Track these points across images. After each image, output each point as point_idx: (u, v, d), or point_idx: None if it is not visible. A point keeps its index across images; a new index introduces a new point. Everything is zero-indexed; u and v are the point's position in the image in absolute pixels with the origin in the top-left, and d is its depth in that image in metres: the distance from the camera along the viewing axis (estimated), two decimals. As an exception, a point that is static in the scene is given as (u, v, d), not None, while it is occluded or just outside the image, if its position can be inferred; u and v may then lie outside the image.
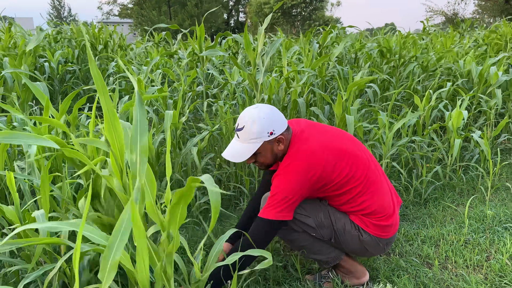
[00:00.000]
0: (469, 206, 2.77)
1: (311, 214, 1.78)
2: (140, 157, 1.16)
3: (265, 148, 1.72)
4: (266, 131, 1.69)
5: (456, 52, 4.94)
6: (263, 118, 1.69)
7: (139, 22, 32.95)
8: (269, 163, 1.81)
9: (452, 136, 3.02)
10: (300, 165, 1.67)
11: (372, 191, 1.78)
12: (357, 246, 1.81)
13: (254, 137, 1.69)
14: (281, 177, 1.68)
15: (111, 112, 1.19)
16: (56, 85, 4.39)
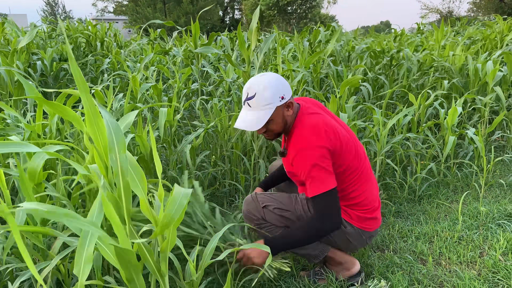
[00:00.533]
0: (463, 203, 2.78)
1: (290, 208, 1.84)
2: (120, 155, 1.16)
3: (277, 113, 1.73)
4: (278, 95, 1.70)
5: (446, 45, 4.96)
6: (274, 83, 1.70)
7: (134, 19, 32.79)
8: (279, 131, 1.80)
9: (447, 133, 3.03)
10: (313, 131, 1.70)
11: (363, 183, 1.82)
12: (341, 239, 1.84)
13: (267, 102, 1.69)
14: (302, 152, 1.68)
15: (93, 109, 1.18)
16: (50, 83, 4.36)
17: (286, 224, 1.84)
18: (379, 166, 2.84)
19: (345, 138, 1.77)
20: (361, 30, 10.00)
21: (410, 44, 5.16)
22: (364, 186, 1.83)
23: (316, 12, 40.48)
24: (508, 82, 4.05)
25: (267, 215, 1.83)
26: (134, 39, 7.35)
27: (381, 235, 2.38)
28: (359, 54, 4.71)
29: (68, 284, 1.57)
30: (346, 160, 1.76)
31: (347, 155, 1.76)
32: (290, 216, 1.83)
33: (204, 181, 2.81)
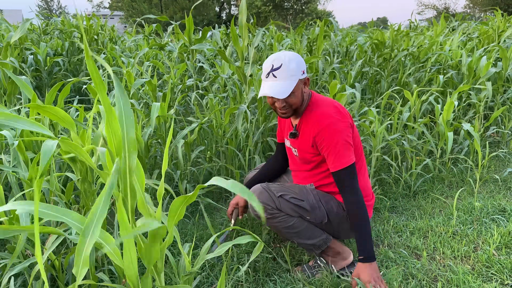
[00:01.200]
0: (458, 198, 2.79)
1: (303, 197, 1.86)
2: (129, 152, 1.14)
3: (298, 87, 1.80)
4: (300, 69, 1.79)
5: (443, 42, 4.96)
6: (296, 57, 1.79)
7: (130, 15, 32.61)
8: (298, 105, 1.85)
9: (442, 128, 3.04)
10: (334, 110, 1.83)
11: (364, 171, 1.97)
12: (344, 227, 1.92)
13: (292, 73, 1.76)
14: (327, 128, 1.77)
15: (109, 110, 1.16)
16: (45, 78, 4.33)
17: (300, 214, 1.85)
18: (375, 162, 2.84)
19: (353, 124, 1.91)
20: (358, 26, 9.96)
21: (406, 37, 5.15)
22: (363, 174, 1.96)
23: (313, 8, 40.39)
24: (503, 77, 4.06)
25: (282, 205, 1.83)
26: (128, 33, 7.30)
27: (376, 230, 2.39)
28: (360, 45, 4.70)
29: (62, 280, 1.57)
30: (357, 143, 1.90)
31: (358, 139, 1.92)
32: (304, 206, 1.85)
33: (199, 177, 2.81)
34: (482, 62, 3.80)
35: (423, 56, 4.61)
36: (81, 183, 1.65)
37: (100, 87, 1.11)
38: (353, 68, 4.13)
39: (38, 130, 1.04)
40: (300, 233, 1.86)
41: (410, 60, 4.65)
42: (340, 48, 5.16)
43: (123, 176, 1.17)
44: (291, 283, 1.88)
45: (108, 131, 1.16)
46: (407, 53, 4.41)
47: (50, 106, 1.18)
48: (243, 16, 2.68)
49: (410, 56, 4.63)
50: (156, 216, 1.29)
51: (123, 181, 1.19)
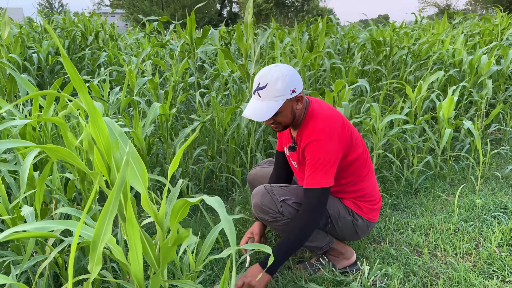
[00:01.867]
0: (459, 196, 2.79)
1: None
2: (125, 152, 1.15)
3: (286, 106, 1.73)
4: (289, 88, 1.69)
5: (445, 40, 4.95)
6: (286, 75, 1.70)
7: (131, 13, 32.59)
8: (288, 123, 1.80)
9: (443, 125, 3.04)
10: (329, 124, 1.73)
11: (371, 175, 1.94)
12: (349, 231, 1.91)
13: (278, 94, 1.69)
14: (315, 142, 1.70)
15: (93, 109, 1.17)
16: (46, 76, 4.34)
17: None
18: (376, 159, 2.85)
19: (356, 131, 1.88)
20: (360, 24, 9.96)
21: (406, 35, 5.15)
22: (370, 178, 1.94)
23: (314, 5, 40.31)
24: (505, 75, 4.05)
25: (284, 209, 1.80)
26: (131, 33, 7.31)
27: (378, 228, 2.39)
28: (359, 43, 4.69)
29: (65, 277, 1.58)
30: (357, 151, 1.83)
31: (358, 148, 1.84)
32: None
33: (201, 175, 2.82)
34: (483, 60, 3.79)
35: (424, 54, 4.61)
36: (80, 182, 1.65)
37: (81, 87, 1.11)
38: (353, 65, 4.13)
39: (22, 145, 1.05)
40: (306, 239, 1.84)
41: (411, 58, 4.64)
42: (340, 46, 5.15)
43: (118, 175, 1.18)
44: (293, 280, 1.89)
45: (94, 131, 1.16)
46: (408, 51, 4.40)
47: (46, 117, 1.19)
48: (249, 14, 2.68)
49: (411, 54, 4.63)
50: (159, 214, 1.30)
51: None
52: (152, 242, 1.31)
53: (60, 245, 1.41)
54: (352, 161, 1.82)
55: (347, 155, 1.79)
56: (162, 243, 1.32)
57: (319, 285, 1.85)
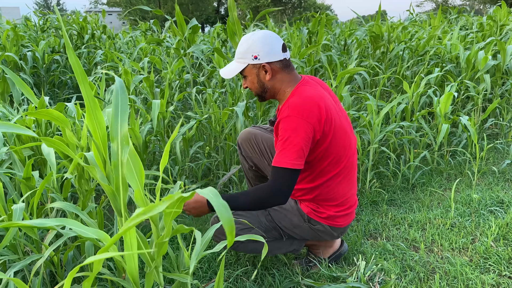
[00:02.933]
0: (456, 191, 2.80)
1: (254, 223, 1.75)
2: (122, 146, 1.15)
3: (250, 72, 1.73)
4: (250, 53, 1.68)
5: (442, 35, 4.94)
6: (251, 40, 1.69)
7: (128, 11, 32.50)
8: (257, 92, 1.79)
9: (440, 121, 3.04)
10: (307, 103, 1.62)
11: (348, 179, 1.80)
12: (310, 235, 1.84)
13: (239, 56, 1.72)
14: (288, 118, 1.60)
15: (92, 100, 1.17)
16: (43, 75, 4.33)
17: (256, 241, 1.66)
18: (373, 155, 2.85)
19: (340, 125, 1.72)
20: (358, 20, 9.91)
21: (405, 29, 5.14)
22: (347, 183, 1.79)
23: (312, 2, 40.25)
24: (501, 70, 4.05)
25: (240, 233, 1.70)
26: (126, 32, 7.29)
27: (374, 223, 2.39)
28: (357, 38, 4.68)
29: (61, 276, 1.58)
30: (336, 148, 1.70)
31: (338, 144, 1.71)
32: (256, 233, 1.73)
33: (198, 172, 2.82)
34: (479, 56, 3.79)
35: (421, 50, 4.60)
36: (77, 180, 1.65)
37: (83, 78, 1.11)
38: (350, 61, 4.13)
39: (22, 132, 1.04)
40: (270, 249, 1.82)
41: (408, 54, 4.64)
42: (338, 42, 5.15)
43: (114, 170, 1.18)
44: (289, 276, 1.89)
45: (91, 123, 1.16)
46: (405, 46, 4.40)
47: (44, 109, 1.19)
48: (233, 12, 2.70)
49: (409, 50, 4.62)
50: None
51: (115, 175, 1.19)
52: (145, 239, 1.31)
53: (57, 242, 1.40)
54: (330, 159, 1.71)
55: (321, 143, 1.66)
56: (157, 240, 1.32)
57: (316, 281, 1.85)
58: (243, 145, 2.15)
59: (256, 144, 2.11)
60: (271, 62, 1.69)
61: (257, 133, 2.14)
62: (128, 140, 1.16)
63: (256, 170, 2.17)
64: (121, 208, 1.24)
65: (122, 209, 1.24)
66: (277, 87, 1.75)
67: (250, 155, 2.14)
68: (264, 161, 2.10)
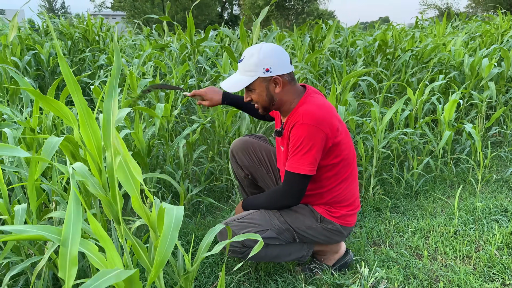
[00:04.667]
0: (460, 198, 2.79)
1: (267, 226, 1.76)
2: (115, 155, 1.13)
3: (260, 85, 1.72)
4: (262, 66, 1.68)
5: (446, 42, 4.95)
6: (262, 53, 1.69)
7: (132, 15, 32.67)
8: (264, 104, 1.79)
9: (444, 128, 3.03)
10: (320, 111, 1.68)
11: (353, 180, 1.88)
12: (322, 236, 1.85)
13: (249, 69, 1.70)
14: (302, 125, 1.65)
15: (85, 110, 1.16)
16: (47, 78, 4.35)
17: (268, 243, 1.76)
18: (376, 161, 2.84)
19: (345, 130, 1.81)
20: (360, 26, 9.95)
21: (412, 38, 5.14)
22: (354, 183, 1.88)
23: (315, 8, 40.38)
24: (505, 77, 4.05)
25: (247, 241, 1.72)
26: (130, 33, 7.32)
27: (378, 230, 2.39)
28: (364, 48, 4.68)
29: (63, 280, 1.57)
30: (343, 152, 1.77)
31: (345, 148, 1.78)
32: (270, 235, 1.76)
33: (201, 176, 2.81)
34: (483, 63, 3.79)
35: (426, 57, 4.60)
36: (81, 183, 1.65)
37: (75, 88, 1.11)
38: (355, 68, 4.13)
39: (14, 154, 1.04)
40: (279, 256, 1.83)
41: (413, 60, 4.64)
42: (341, 49, 5.16)
43: (109, 178, 1.16)
44: (293, 283, 1.88)
45: (86, 133, 1.16)
46: (411, 54, 4.40)
47: (55, 100, 1.18)
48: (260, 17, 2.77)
49: (414, 56, 4.62)
50: (151, 216, 1.29)
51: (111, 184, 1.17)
52: (144, 246, 1.30)
53: (53, 245, 1.40)
54: (338, 162, 1.76)
55: (333, 153, 1.73)
56: (155, 244, 1.31)
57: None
58: (238, 154, 2.17)
59: (254, 153, 2.15)
60: (282, 74, 1.72)
61: (254, 142, 2.17)
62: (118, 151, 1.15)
63: (251, 179, 2.20)
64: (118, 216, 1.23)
65: (120, 218, 1.23)
66: (285, 99, 1.78)
67: (247, 164, 2.16)
68: (262, 170, 2.16)
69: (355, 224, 2.07)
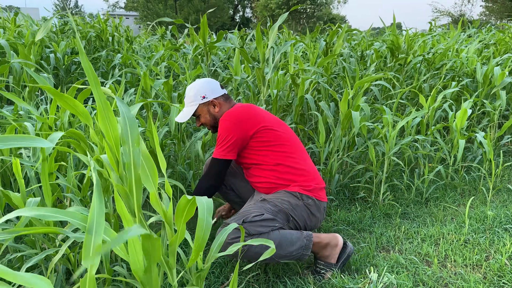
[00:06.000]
0: (470, 207, 2.77)
1: (262, 210, 1.89)
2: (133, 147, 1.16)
3: (202, 109, 2.17)
4: (199, 95, 2.14)
5: (459, 48, 4.92)
6: (196, 85, 2.16)
7: (145, 15, 32.93)
8: (211, 124, 2.20)
9: (455, 136, 3.02)
10: (231, 112, 2.07)
11: (303, 156, 2.11)
12: (306, 215, 1.99)
13: (191, 100, 2.16)
14: (221, 122, 2.06)
15: (104, 103, 1.19)
16: (62, 76, 4.41)
17: (269, 225, 1.84)
18: (387, 167, 2.84)
19: (274, 121, 2.12)
20: (373, 32, 9.95)
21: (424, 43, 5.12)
22: (304, 160, 2.11)
23: (327, 12, 40.34)
24: (519, 86, 4.02)
25: (250, 229, 1.80)
26: (146, 35, 7.39)
27: (387, 236, 2.39)
28: (376, 50, 4.68)
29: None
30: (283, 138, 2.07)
31: (279, 133, 2.07)
32: (267, 217, 1.85)
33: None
34: (495, 72, 3.77)
35: (438, 62, 4.58)
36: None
37: (95, 82, 1.14)
38: (367, 72, 4.13)
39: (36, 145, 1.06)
40: (282, 244, 1.82)
41: (425, 67, 4.62)
42: (353, 53, 5.15)
43: (127, 171, 1.20)
44: (301, 286, 1.89)
45: (104, 125, 1.19)
46: (422, 58, 4.39)
47: (71, 97, 1.21)
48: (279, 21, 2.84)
49: (425, 63, 4.61)
50: (168, 212, 1.32)
51: (128, 176, 1.21)
52: (159, 241, 1.32)
53: (68, 240, 1.42)
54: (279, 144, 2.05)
55: (257, 136, 2.03)
56: (171, 241, 1.33)
57: (327, 291, 1.85)
58: None
59: None
60: (217, 97, 2.16)
61: None
62: (138, 142, 1.18)
63: (233, 190, 2.37)
64: (134, 209, 1.26)
65: (136, 210, 1.26)
66: (221, 114, 2.16)
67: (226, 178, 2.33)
68: (236, 180, 2.35)
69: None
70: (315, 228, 2.11)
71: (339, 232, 2.45)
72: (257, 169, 2.10)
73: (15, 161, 1.45)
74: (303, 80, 3.14)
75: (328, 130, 3.30)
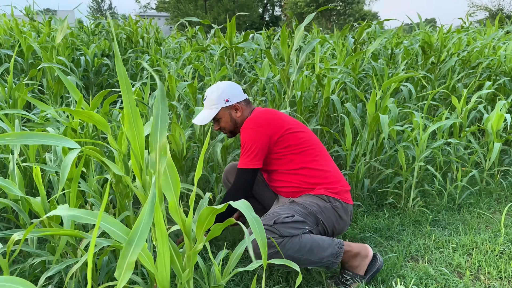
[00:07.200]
0: (507, 214, 2.63)
1: (292, 212, 1.85)
2: (160, 156, 1.14)
3: (224, 113, 2.13)
4: (222, 98, 2.10)
5: (496, 46, 4.68)
6: (220, 88, 2.12)
7: (175, 16, 33.39)
8: (230, 129, 2.17)
9: (491, 139, 2.87)
10: (253, 119, 2.04)
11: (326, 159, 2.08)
12: (334, 218, 1.94)
13: (213, 103, 2.11)
14: (244, 130, 2.03)
15: (133, 110, 1.18)
16: (92, 78, 4.50)
17: (300, 228, 1.81)
18: (417, 172, 2.72)
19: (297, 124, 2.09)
20: (405, 27, 9.67)
21: (458, 40, 4.91)
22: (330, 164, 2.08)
23: (358, 9, 39.67)
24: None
25: (281, 230, 1.76)
26: (174, 37, 7.46)
27: (416, 245, 2.28)
28: (406, 47, 4.52)
29: (95, 280, 1.60)
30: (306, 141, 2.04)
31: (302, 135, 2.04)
32: (298, 219, 1.82)
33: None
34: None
35: (474, 61, 4.38)
36: (115, 185, 1.67)
37: (127, 87, 1.13)
38: (397, 71, 3.99)
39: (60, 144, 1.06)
40: (313, 249, 1.78)
41: (459, 65, 4.43)
42: (384, 50, 5.01)
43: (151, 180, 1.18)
44: (324, 296, 1.83)
45: (131, 132, 1.17)
46: (458, 58, 4.20)
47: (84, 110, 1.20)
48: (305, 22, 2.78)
49: (460, 61, 4.42)
50: (187, 222, 1.29)
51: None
52: (179, 252, 1.30)
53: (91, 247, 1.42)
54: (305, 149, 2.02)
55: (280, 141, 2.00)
56: (189, 252, 1.31)
57: (351, 303, 1.78)
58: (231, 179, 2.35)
59: None
60: (239, 101, 2.13)
61: None
62: (166, 151, 1.16)
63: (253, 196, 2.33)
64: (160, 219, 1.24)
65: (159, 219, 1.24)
66: (241, 120, 2.15)
67: None
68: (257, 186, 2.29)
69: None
70: (342, 232, 2.06)
71: (366, 239, 2.37)
72: (280, 174, 2.07)
73: (35, 168, 1.46)
74: (329, 80, 3.06)
75: (355, 132, 3.21)
